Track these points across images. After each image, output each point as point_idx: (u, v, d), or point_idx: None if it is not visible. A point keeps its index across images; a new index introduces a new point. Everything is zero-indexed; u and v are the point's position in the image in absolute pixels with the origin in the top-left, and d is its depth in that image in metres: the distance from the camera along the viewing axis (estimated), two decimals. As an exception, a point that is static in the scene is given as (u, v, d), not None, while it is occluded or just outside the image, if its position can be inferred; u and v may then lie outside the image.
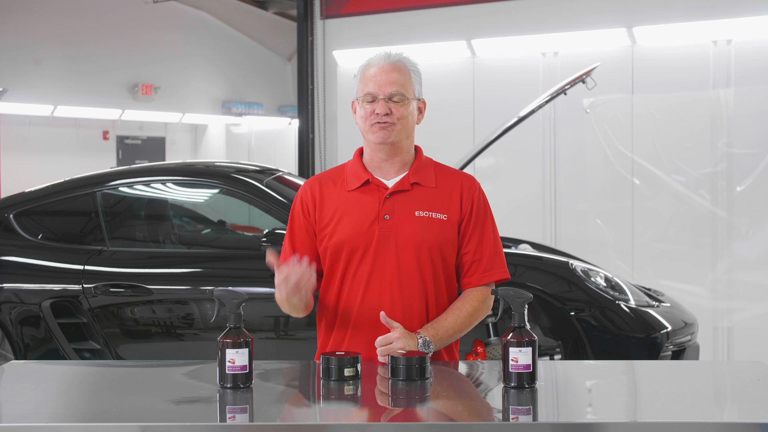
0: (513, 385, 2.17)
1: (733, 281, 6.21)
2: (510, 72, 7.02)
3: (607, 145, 6.59)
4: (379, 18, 7.67)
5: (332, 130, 7.96)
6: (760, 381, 2.25)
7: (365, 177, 2.56)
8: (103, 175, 4.83)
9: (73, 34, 12.20)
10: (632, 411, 2.10)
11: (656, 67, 6.50)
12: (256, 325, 4.21)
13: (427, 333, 2.46)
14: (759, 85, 6.19)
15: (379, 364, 2.41)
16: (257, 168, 4.94)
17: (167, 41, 13.61)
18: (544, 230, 6.81)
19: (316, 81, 7.99)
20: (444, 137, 6.89)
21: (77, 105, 12.19)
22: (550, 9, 6.96)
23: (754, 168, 6.15)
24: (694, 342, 4.46)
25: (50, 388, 2.31)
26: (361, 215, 2.52)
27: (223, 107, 14.75)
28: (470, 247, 2.55)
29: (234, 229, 5.19)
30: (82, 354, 4.38)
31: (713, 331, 6.17)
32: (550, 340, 4.34)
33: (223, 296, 2.24)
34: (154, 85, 13.42)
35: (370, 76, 2.53)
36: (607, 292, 4.26)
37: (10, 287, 4.42)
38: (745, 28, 6.22)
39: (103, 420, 1.99)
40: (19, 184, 7.42)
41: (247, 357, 2.19)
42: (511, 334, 2.20)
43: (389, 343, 2.40)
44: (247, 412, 2.07)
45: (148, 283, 4.34)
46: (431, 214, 2.53)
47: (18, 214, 4.65)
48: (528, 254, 4.55)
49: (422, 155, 2.63)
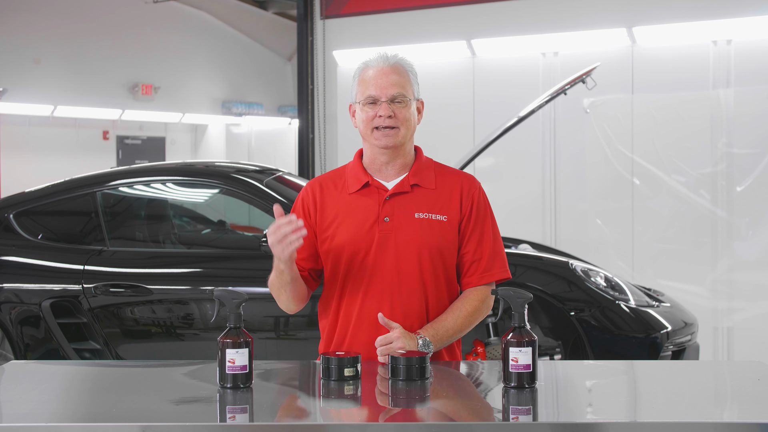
0: (513, 385, 2.17)
1: (733, 281, 6.21)
2: (510, 72, 7.02)
3: (607, 145, 6.59)
4: (379, 18, 7.67)
5: (332, 130, 7.96)
6: (760, 381, 2.25)
7: (365, 179, 2.56)
8: (103, 175, 4.83)
9: (73, 34, 12.20)
10: (632, 411, 2.10)
11: (656, 67, 6.50)
12: (256, 325, 4.21)
13: (426, 333, 2.46)
14: (759, 85, 6.19)
15: (380, 364, 2.42)
16: (257, 168, 4.94)
17: (167, 41, 13.61)
18: (544, 230, 6.81)
19: (316, 81, 7.99)
20: (444, 137, 6.89)
21: (77, 105, 12.19)
22: (550, 9, 6.96)
23: (754, 168, 6.15)
24: (694, 342, 4.46)
25: (50, 388, 2.30)
26: (362, 218, 2.53)
27: (223, 107, 14.75)
28: (470, 246, 2.55)
29: (234, 229, 5.19)
30: (82, 354, 4.38)
31: (713, 331, 6.17)
32: (550, 340, 4.34)
33: (223, 296, 2.24)
34: (154, 85, 13.42)
35: (369, 78, 2.53)
36: (607, 292, 4.26)
37: (10, 287, 4.42)
38: (745, 28, 6.22)
39: (103, 420, 1.99)
40: (19, 184, 7.42)
41: (247, 357, 2.19)
42: (511, 334, 2.21)
43: (389, 343, 2.40)
44: (247, 412, 2.07)
45: (148, 283, 4.34)
46: (431, 215, 2.53)
47: (18, 214, 4.65)
48: (528, 254, 4.55)
49: (422, 156, 2.63)
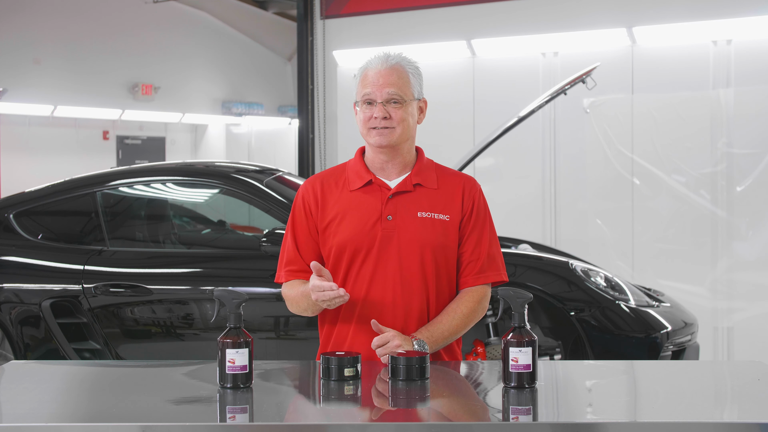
0: (513, 385, 2.17)
1: (733, 281, 6.21)
2: (510, 72, 7.02)
3: (607, 145, 6.59)
4: (379, 18, 7.67)
5: (332, 130, 7.96)
6: (760, 381, 2.25)
7: (367, 177, 2.56)
8: (103, 175, 4.83)
9: (73, 34, 12.20)
10: (632, 411, 2.10)
11: (656, 67, 6.50)
12: (256, 325, 4.21)
13: (422, 335, 2.46)
14: (759, 85, 6.19)
15: (380, 364, 2.42)
16: (257, 168, 4.94)
17: (167, 41, 13.60)
18: (544, 230, 6.81)
19: (316, 81, 7.99)
20: (444, 137, 6.89)
21: (77, 105, 12.18)
22: (550, 9, 6.96)
23: (754, 168, 6.15)
24: (694, 342, 4.46)
25: (50, 388, 2.31)
26: (364, 215, 2.53)
27: (223, 107, 14.74)
28: (468, 246, 2.56)
29: (234, 229, 5.19)
30: (82, 354, 4.38)
31: (713, 331, 6.17)
32: (550, 340, 4.34)
33: (223, 296, 2.24)
34: (154, 85, 13.42)
35: (367, 79, 2.53)
36: (607, 292, 4.26)
37: (10, 287, 4.42)
38: (745, 28, 6.22)
39: (103, 420, 1.99)
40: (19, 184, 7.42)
41: (247, 357, 2.19)
42: (511, 334, 2.21)
43: (386, 342, 2.41)
44: (247, 412, 2.07)
45: (148, 283, 4.34)
46: (433, 215, 2.54)
47: (18, 214, 4.65)
48: (528, 254, 4.55)
49: (424, 157, 2.63)
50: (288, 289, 2.59)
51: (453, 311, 2.53)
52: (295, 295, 2.55)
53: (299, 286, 2.55)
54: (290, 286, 2.59)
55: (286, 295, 2.61)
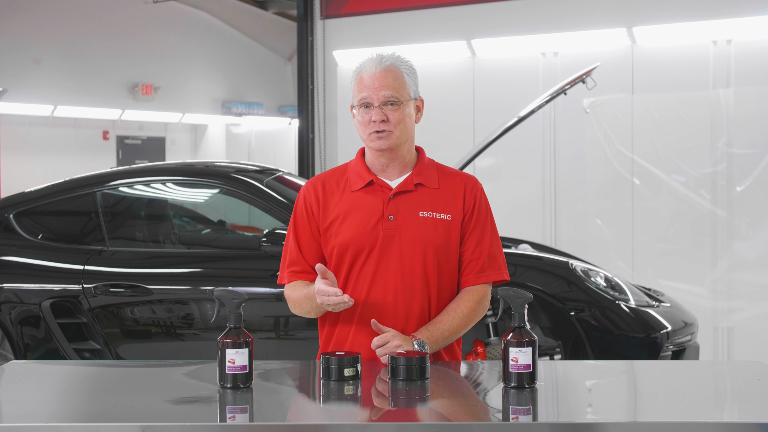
0: (513, 385, 2.17)
1: (733, 281, 6.21)
2: (510, 72, 7.02)
3: (607, 144, 6.59)
4: (379, 18, 7.67)
5: (332, 130, 7.96)
6: (760, 381, 2.25)
7: (369, 178, 2.56)
8: (103, 175, 4.83)
9: (73, 34, 12.20)
10: (632, 411, 2.10)
11: (656, 67, 6.50)
12: (256, 325, 4.21)
13: (422, 335, 2.46)
14: (759, 85, 6.19)
15: (380, 365, 2.42)
16: (257, 168, 4.94)
17: (167, 41, 13.60)
18: (544, 230, 6.81)
19: (316, 81, 7.99)
20: (444, 137, 6.89)
21: (77, 105, 12.18)
22: (550, 9, 6.96)
23: (754, 168, 6.15)
24: (694, 342, 4.46)
25: (50, 388, 2.31)
26: (366, 216, 2.53)
27: (223, 107, 14.75)
28: (469, 245, 2.56)
29: (234, 229, 5.19)
30: (82, 354, 4.38)
31: (713, 331, 6.17)
32: (550, 340, 4.34)
33: (223, 296, 2.24)
34: (154, 85, 13.42)
35: (363, 81, 2.53)
36: (607, 292, 4.26)
37: (10, 287, 4.42)
38: (745, 28, 6.22)
39: (103, 420, 1.99)
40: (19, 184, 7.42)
41: (247, 357, 2.19)
42: (511, 334, 2.21)
43: (386, 342, 2.41)
44: (247, 412, 2.07)
45: (148, 283, 4.34)
46: (435, 214, 2.54)
47: (18, 214, 4.65)
48: (528, 254, 4.55)
49: (425, 157, 2.63)
50: (291, 290, 2.59)
51: (453, 311, 2.53)
52: (299, 297, 2.55)
53: (302, 288, 2.54)
54: (293, 287, 2.59)
55: (289, 296, 2.60)
